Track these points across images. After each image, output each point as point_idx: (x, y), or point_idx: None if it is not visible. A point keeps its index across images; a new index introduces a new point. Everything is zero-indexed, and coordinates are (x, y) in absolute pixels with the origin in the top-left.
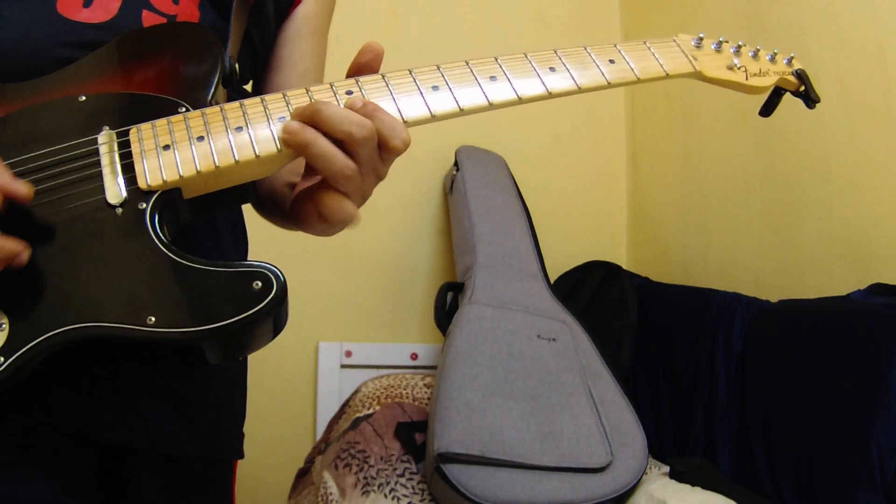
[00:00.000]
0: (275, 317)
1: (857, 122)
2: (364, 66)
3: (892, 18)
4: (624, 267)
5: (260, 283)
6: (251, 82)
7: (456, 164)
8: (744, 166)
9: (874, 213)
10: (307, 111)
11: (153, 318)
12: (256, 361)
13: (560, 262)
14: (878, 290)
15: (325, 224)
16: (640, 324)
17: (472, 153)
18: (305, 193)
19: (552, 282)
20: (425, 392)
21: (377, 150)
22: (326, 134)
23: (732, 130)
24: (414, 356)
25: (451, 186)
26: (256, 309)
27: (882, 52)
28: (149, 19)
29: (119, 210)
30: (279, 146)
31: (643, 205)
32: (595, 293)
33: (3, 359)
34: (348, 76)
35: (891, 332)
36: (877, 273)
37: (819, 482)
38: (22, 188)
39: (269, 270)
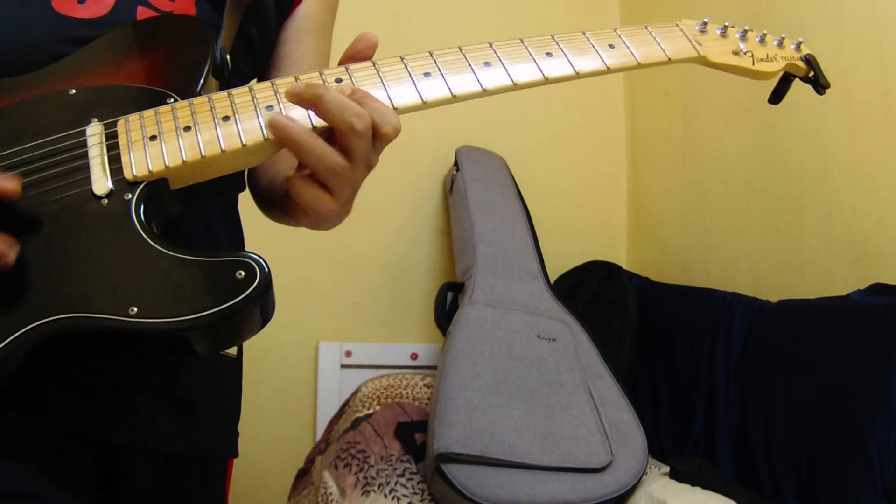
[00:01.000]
0: (260, 305)
1: (857, 122)
2: (357, 54)
3: (892, 18)
4: (624, 267)
5: (243, 273)
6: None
7: (456, 164)
8: (744, 166)
9: (874, 213)
10: (307, 94)
11: (135, 309)
12: (256, 361)
13: (560, 262)
14: (878, 290)
15: (308, 217)
16: (640, 324)
17: (472, 153)
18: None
19: (552, 282)
20: (425, 392)
21: (371, 141)
22: (324, 121)
23: (732, 130)
24: (414, 356)
25: (451, 186)
26: (239, 298)
27: (882, 52)
28: (144, 15)
29: (105, 201)
30: (266, 135)
31: (643, 205)
32: (595, 293)
33: None
34: (340, 64)
35: (891, 332)
36: (877, 273)
37: (819, 482)
38: (9, 184)
39: (253, 259)
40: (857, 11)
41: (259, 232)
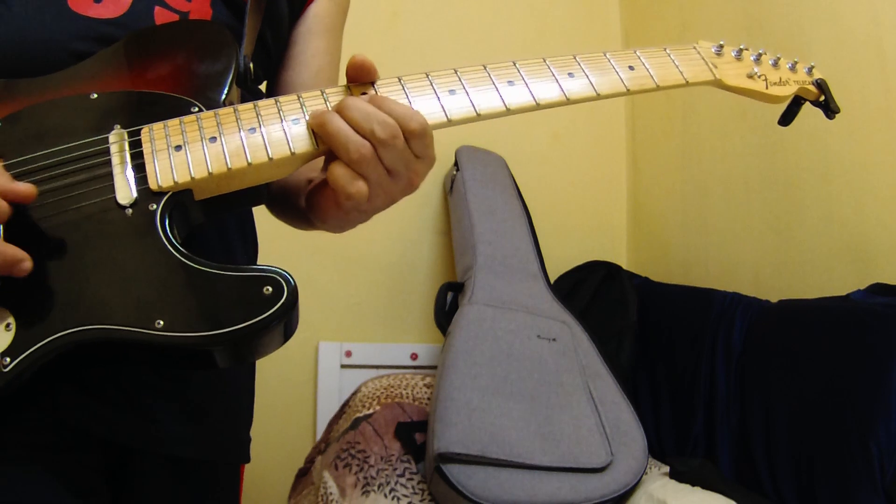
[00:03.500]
0: (285, 322)
1: (857, 122)
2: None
3: (892, 18)
4: (624, 267)
5: (270, 289)
6: (265, 82)
7: (456, 164)
8: (744, 166)
9: (874, 213)
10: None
11: (161, 322)
12: (257, 361)
13: (560, 262)
14: (878, 290)
15: (341, 212)
16: (640, 324)
17: (472, 153)
18: (323, 183)
19: (552, 282)
20: (425, 392)
21: (407, 147)
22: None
23: (732, 130)
24: (414, 356)
25: (451, 186)
26: (267, 314)
27: (882, 52)
28: (161, 15)
29: (129, 211)
30: (293, 149)
31: (643, 205)
32: (595, 293)
33: (9, 359)
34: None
35: (891, 332)
36: (877, 273)
37: (819, 482)
38: (22, 188)
39: (280, 275)
40: (857, 11)
41: (260, 232)
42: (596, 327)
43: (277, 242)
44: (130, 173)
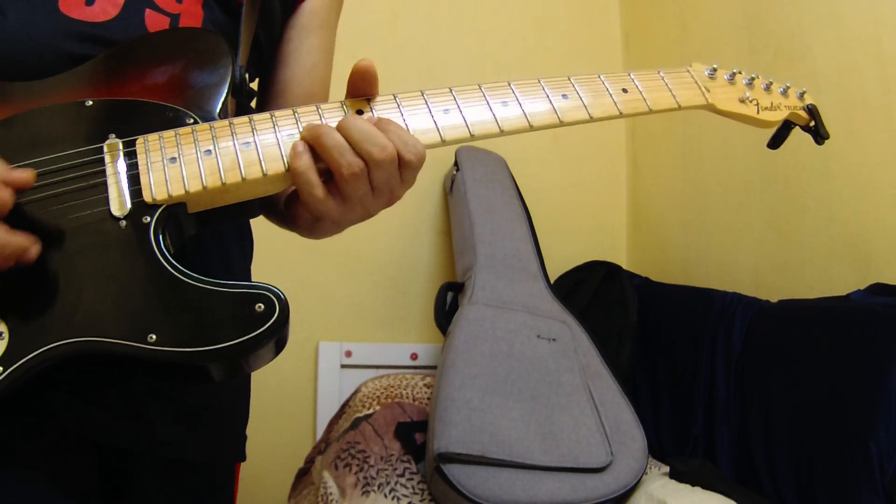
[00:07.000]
0: (277, 338)
1: (857, 122)
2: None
3: (892, 18)
4: (624, 267)
5: (262, 306)
6: (257, 80)
7: (456, 164)
8: (744, 166)
9: (874, 213)
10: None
11: (154, 336)
12: None
13: (560, 262)
14: (878, 290)
15: (315, 221)
16: (640, 324)
17: (472, 153)
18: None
19: (552, 282)
20: (425, 392)
21: (397, 172)
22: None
23: (732, 130)
24: (414, 356)
25: (451, 186)
26: (259, 332)
27: (882, 52)
28: (151, 18)
29: (123, 223)
30: (287, 164)
31: (643, 205)
32: (595, 293)
33: (1, 368)
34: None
35: (891, 332)
36: (877, 273)
37: (819, 482)
38: (22, 175)
39: (272, 293)
40: (857, 11)
41: (260, 232)
42: (596, 327)
43: (277, 243)
44: (125, 184)
